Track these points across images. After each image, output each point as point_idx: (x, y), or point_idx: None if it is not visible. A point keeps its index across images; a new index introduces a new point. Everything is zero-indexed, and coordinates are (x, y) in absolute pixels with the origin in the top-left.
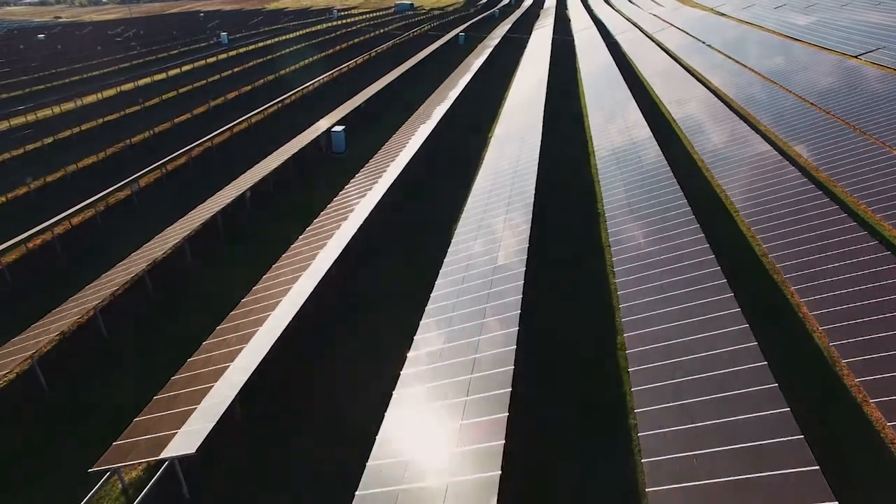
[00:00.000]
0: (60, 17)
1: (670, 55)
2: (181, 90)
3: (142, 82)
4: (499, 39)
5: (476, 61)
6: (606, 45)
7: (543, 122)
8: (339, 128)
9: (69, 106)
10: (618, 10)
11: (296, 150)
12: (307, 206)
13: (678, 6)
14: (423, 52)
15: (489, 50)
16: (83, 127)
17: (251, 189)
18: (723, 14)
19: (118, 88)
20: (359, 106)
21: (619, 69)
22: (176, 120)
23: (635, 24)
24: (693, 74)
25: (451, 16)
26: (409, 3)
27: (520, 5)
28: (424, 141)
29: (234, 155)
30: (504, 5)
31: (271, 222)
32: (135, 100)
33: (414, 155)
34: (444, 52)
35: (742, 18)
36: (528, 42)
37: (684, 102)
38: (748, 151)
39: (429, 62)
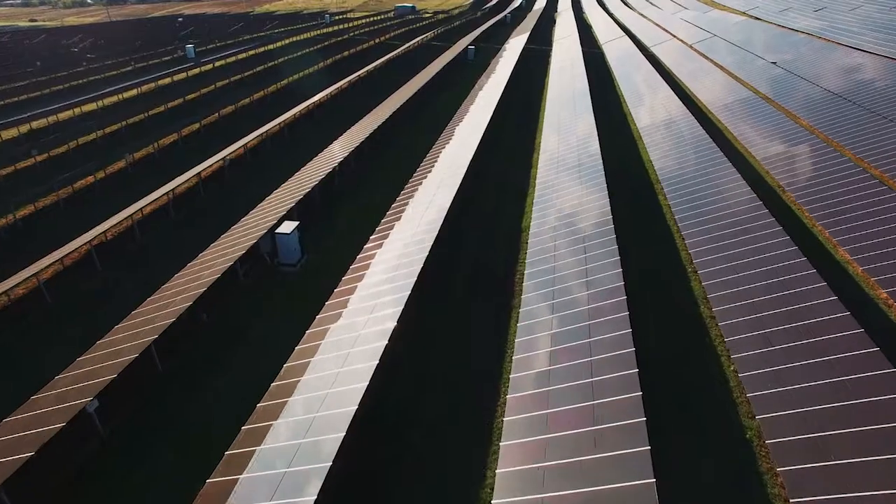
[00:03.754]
0: (37, 20)
1: (737, 79)
2: (107, 131)
3: (63, 116)
4: (516, 55)
5: (489, 92)
6: (650, 63)
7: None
8: (288, 227)
9: None
10: (641, 14)
11: (222, 267)
12: (222, 415)
13: (707, 9)
14: (425, 73)
15: (507, 73)
16: None
17: (117, 380)
18: (758, 18)
19: (29, 125)
20: (329, 174)
21: (679, 97)
22: (75, 186)
23: (668, 32)
24: (774, 106)
25: (457, 20)
26: (411, 5)
27: (531, 7)
28: (425, 260)
29: (129, 268)
30: (515, 8)
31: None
32: (33, 149)
33: (412, 287)
34: (450, 73)
35: (786, 24)
36: (550, 55)
37: (789, 159)
38: None
39: (431, 90)
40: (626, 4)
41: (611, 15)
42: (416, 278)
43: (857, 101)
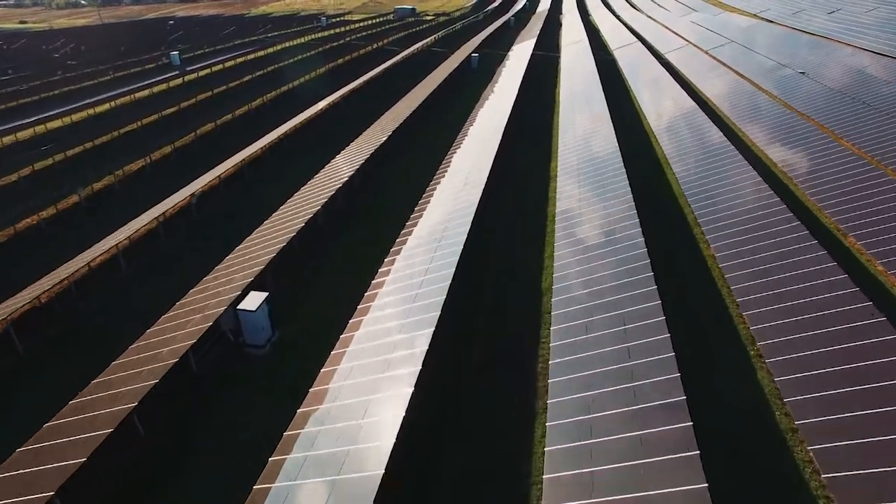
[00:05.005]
0: (27, 22)
1: (766, 92)
2: (68, 154)
3: (23, 135)
4: (523, 65)
5: (496, 112)
6: (668, 73)
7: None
8: (255, 300)
9: None
10: (649, 16)
11: (166, 364)
12: None
13: (717, 11)
14: (424, 87)
15: (514, 89)
16: None
17: None
18: (772, 21)
19: None
20: (307, 223)
21: (707, 114)
22: (17, 227)
23: (681, 37)
24: (814, 124)
25: (459, 22)
26: (411, 7)
27: (535, 9)
28: (428, 350)
29: (56, 350)
30: (519, 10)
31: None
32: None
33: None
34: (452, 85)
35: (803, 28)
36: (558, 62)
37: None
38: None
39: (431, 106)
40: (631, 5)
41: (618, 17)
42: (427, 348)
43: None
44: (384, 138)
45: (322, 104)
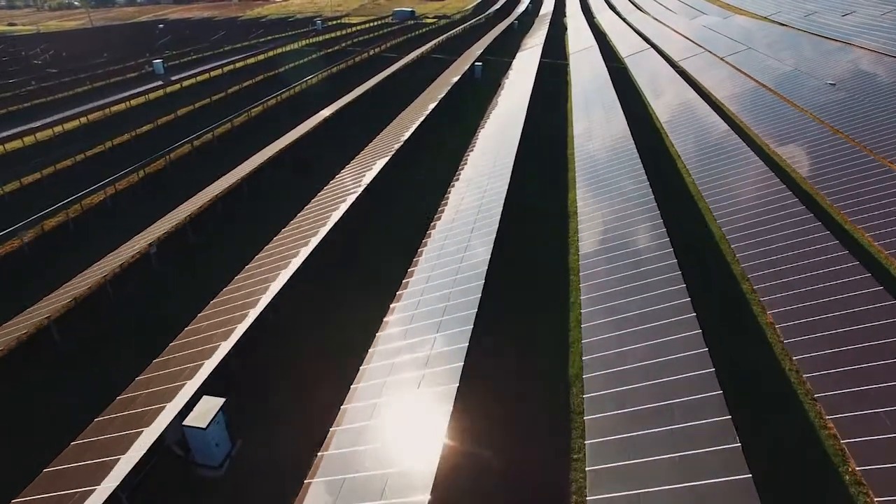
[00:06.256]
0: (16, 24)
1: (797, 107)
2: (24, 181)
3: None
4: (530, 77)
5: (501, 141)
6: (687, 83)
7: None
8: (206, 412)
9: None
10: (656, 19)
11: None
12: None
13: (726, 14)
14: (422, 102)
15: (522, 107)
16: None
17: None
18: (784, 24)
19: None
20: (261, 315)
21: (735, 132)
22: None
23: (695, 42)
24: (859, 147)
25: (460, 25)
26: (410, 9)
27: (538, 12)
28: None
29: None
30: (522, 13)
31: None
32: None
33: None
34: (453, 100)
35: (818, 32)
36: (567, 71)
37: None
38: None
39: (428, 128)
40: (635, 7)
41: (624, 20)
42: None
43: None
44: (379, 168)
45: (311, 124)
